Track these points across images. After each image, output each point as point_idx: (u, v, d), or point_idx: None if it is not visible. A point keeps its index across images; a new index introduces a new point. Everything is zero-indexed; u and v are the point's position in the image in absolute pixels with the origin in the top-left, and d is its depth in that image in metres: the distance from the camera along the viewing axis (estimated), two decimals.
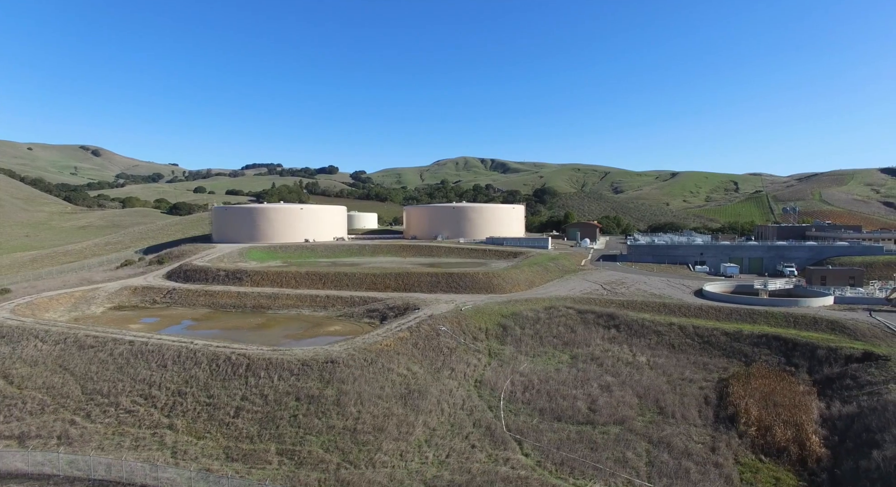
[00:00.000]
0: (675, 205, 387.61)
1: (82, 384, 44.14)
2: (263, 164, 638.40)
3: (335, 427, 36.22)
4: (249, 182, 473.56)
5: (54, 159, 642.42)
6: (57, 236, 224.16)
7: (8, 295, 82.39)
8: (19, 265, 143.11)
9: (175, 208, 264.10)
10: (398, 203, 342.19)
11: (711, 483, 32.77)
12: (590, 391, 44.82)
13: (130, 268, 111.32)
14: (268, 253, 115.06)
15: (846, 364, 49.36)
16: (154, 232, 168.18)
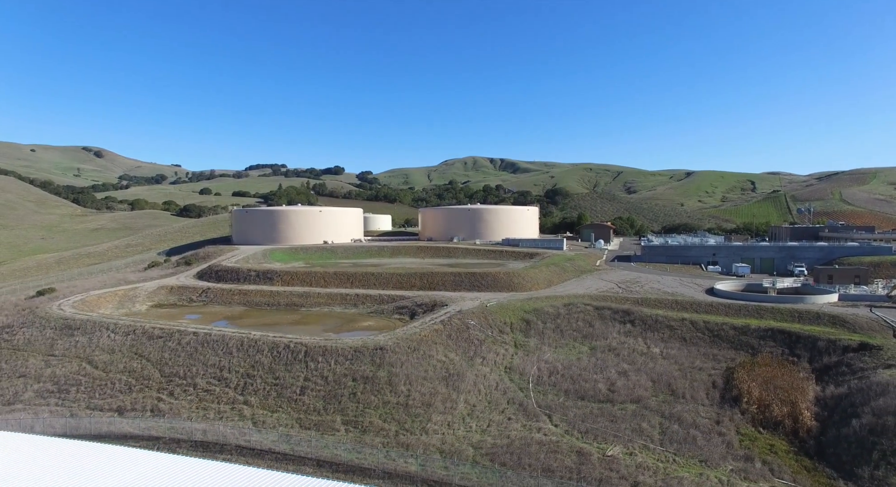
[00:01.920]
0: (689, 205, 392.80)
1: (160, 368, 51.87)
2: (267, 164, 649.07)
3: (389, 402, 43.64)
4: (255, 183, 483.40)
5: (57, 161, 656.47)
6: (71, 239, 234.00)
7: (55, 294, 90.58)
8: (46, 267, 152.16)
9: (185, 211, 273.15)
10: (407, 204, 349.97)
11: (715, 447, 39.81)
12: (608, 375, 51.94)
13: (159, 269, 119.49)
14: (290, 254, 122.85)
15: (843, 354, 56.10)
16: (172, 234, 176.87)
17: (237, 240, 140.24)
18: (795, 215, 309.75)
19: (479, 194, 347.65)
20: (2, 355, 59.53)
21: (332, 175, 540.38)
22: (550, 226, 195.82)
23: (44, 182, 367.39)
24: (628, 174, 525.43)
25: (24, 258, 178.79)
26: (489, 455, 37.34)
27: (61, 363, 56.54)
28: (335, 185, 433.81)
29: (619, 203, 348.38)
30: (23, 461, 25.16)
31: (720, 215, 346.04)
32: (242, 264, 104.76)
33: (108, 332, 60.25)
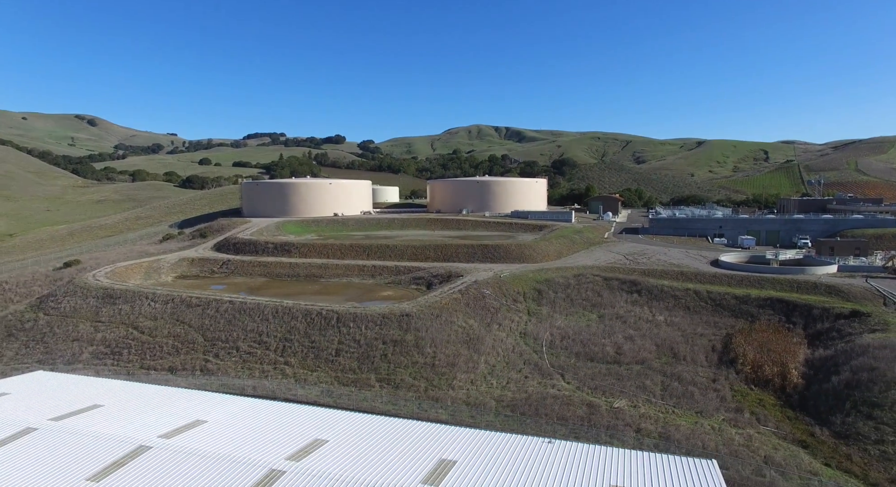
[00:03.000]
0: (700, 176, 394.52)
1: (202, 333, 57.95)
2: (266, 133, 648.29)
3: (418, 362, 49.67)
4: (254, 153, 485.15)
5: (50, 129, 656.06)
6: (76, 211, 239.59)
7: (82, 265, 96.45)
8: (60, 239, 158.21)
9: (188, 182, 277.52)
10: (411, 175, 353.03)
11: (710, 401, 45.86)
12: (616, 340, 57.83)
13: (175, 242, 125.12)
14: (302, 227, 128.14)
15: (835, 321, 61.76)
16: (180, 206, 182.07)
17: (247, 212, 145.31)
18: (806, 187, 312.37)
19: (484, 165, 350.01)
20: (53, 321, 65.76)
21: (332, 144, 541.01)
22: (558, 197, 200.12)
23: (42, 153, 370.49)
24: (637, 144, 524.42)
25: (35, 230, 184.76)
26: (510, 406, 43.44)
27: (109, 328, 62.73)
28: (337, 155, 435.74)
29: (628, 174, 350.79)
30: (134, 396, 31.14)
31: (731, 186, 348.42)
32: (259, 237, 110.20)
33: (149, 301, 66.23)
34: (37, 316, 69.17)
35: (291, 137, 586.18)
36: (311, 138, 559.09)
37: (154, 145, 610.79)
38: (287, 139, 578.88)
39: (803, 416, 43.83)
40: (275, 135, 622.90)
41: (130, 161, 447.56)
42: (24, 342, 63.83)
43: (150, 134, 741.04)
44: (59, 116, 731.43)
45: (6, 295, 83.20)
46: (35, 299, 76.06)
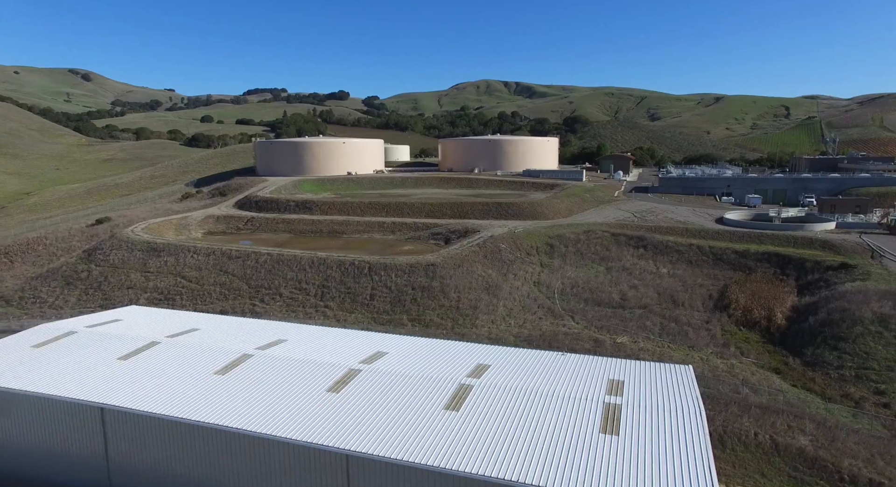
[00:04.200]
0: (716, 133, 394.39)
1: (246, 281, 66.24)
2: (267, 89, 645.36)
3: (444, 305, 57.81)
4: (257, 110, 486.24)
5: (44, 85, 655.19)
6: (85, 170, 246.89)
7: (113, 222, 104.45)
8: (79, 198, 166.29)
9: (194, 140, 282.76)
10: (419, 133, 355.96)
11: (701, 338, 53.95)
12: (621, 288, 65.66)
13: (195, 200, 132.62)
14: (318, 186, 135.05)
15: (825, 272, 69.09)
16: (193, 165, 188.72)
17: (262, 171, 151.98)
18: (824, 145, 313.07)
19: (493, 122, 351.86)
20: (105, 271, 74.26)
21: (336, 101, 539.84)
22: (569, 156, 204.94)
23: (43, 110, 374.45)
24: (652, 100, 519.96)
25: (51, 189, 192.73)
26: (526, 341, 51.63)
27: (158, 277, 71.16)
28: (342, 112, 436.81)
29: (641, 132, 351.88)
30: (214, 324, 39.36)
31: (747, 144, 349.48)
32: (279, 195, 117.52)
33: (191, 253, 74.38)
34: (89, 267, 77.66)
35: (293, 93, 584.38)
36: (313, 94, 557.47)
37: (152, 102, 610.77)
38: (289, 95, 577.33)
39: (781, 350, 51.92)
40: (276, 91, 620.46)
41: (130, 118, 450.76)
42: (84, 290, 72.54)
43: (146, 90, 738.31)
44: (52, 71, 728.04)
45: (49, 250, 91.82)
46: (82, 253, 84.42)
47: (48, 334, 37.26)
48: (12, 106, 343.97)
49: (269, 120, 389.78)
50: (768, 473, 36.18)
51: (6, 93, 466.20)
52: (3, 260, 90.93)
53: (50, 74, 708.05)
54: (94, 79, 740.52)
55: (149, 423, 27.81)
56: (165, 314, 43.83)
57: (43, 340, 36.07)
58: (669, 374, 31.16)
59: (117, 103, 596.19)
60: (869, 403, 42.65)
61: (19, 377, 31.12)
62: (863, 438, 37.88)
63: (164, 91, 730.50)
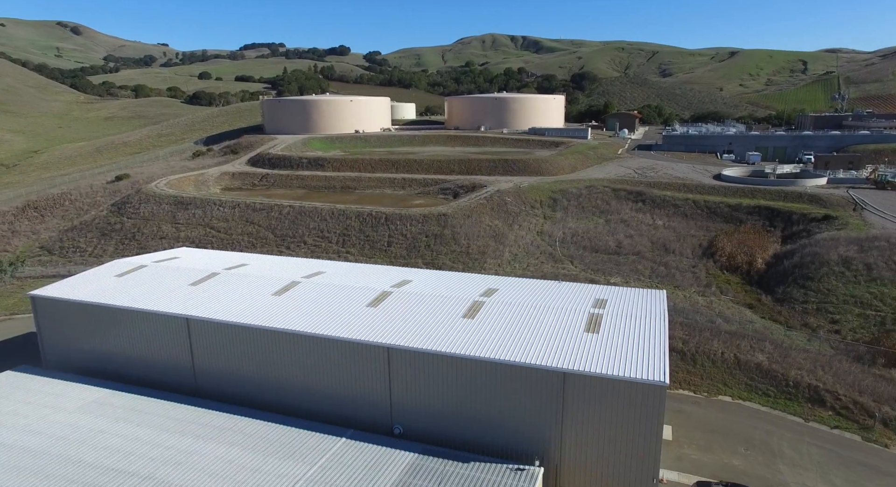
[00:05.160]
0: (729, 90, 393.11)
1: (271, 231, 73.89)
2: (264, 43, 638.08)
3: (455, 250, 65.50)
4: (255, 66, 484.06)
5: (32, 38, 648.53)
6: (88, 128, 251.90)
7: (132, 179, 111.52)
8: (88, 156, 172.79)
9: (195, 98, 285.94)
10: (423, 90, 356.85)
11: (687, 280, 61.68)
12: (618, 237, 73.11)
13: (207, 158, 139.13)
14: (327, 143, 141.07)
15: (809, 223, 76.21)
16: (199, 124, 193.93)
17: (270, 129, 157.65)
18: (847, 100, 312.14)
19: (499, 79, 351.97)
20: (137, 223, 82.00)
21: (337, 56, 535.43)
22: (576, 114, 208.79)
23: (38, 65, 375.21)
24: (665, 54, 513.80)
25: (58, 147, 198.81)
26: None
27: (188, 228, 78.87)
28: (343, 68, 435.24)
29: (651, 89, 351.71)
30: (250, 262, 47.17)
31: (760, 101, 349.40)
32: (291, 152, 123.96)
33: (217, 206, 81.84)
34: (121, 220, 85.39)
35: (292, 48, 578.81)
36: (313, 50, 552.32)
37: (146, 57, 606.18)
38: (287, 51, 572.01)
39: (757, 290, 59.72)
40: (274, 46, 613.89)
41: (126, 75, 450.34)
42: (119, 240, 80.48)
43: (139, 44, 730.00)
44: (40, 23, 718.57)
45: (76, 204, 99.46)
46: (111, 206, 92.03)
47: (124, 267, 45.14)
48: (7, 62, 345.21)
49: (268, 77, 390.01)
50: (730, 382, 44.50)
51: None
52: (34, 215, 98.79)
53: (37, 26, 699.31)
54: (84, 32, 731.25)
55: (225, 330, 35.83)
56: (214, 253, 51.62)
57: (122, 271, 43.97)
58: (645, 296, 38.87)
59: (110, 59, 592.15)
60: (824, 330, 50.65)
61: (117, 297, 39.12)
62: (811, 355, 45.99)
63: (158, 46, 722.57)
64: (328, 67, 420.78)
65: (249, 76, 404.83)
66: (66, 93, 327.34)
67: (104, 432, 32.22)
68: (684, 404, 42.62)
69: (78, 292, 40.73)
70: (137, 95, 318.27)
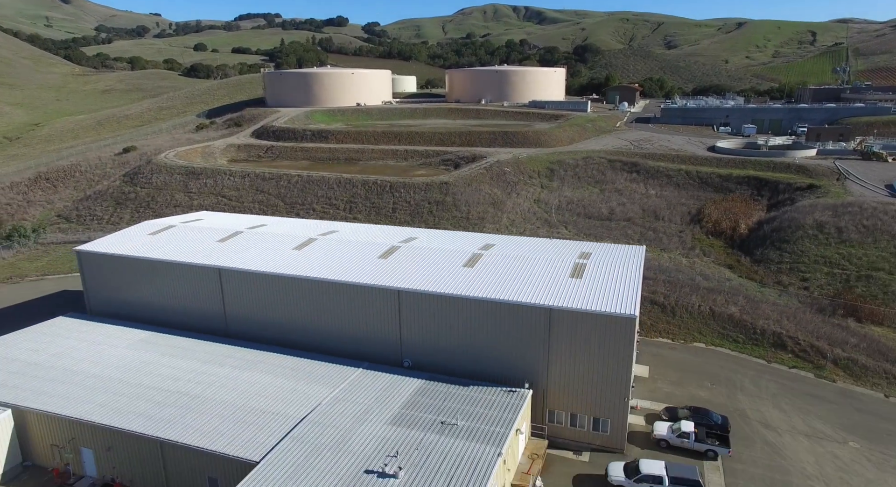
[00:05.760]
0: (735, 62, 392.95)
1: (281, 199, 79.02)
2: (259, 14, 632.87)
3: (456, 216, 70.77)
4: (251, 37, 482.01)
5: (20, 7, 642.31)
6: (86, 101, 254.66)
7: (139, 151, 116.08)
8: (90, 129, 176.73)
9: (193, 71, 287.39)
10: (423, 62, 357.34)
11: (673, 244, 67.08)
12: (610, 205, 78.28)
13: (211, 130, 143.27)
14: (330, 116, 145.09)
15: (794, 192, 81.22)
16: (200, 97, 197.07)
17: (272, 102, 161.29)
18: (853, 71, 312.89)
19: (501, 51, 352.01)
20: (151, 192, 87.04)
21: (334, 27, 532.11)
22: (577, 87, 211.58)
23: (30, 36, 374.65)
24: (670, 26, 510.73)
25: (59, 120, 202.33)
26: None
27: (200, 196, 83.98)
28: (342, 40, 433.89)
29: (654, 61, 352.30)
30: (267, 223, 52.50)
31: (765, 74, 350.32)
32: (295, 125, 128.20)
33: (227, 176, 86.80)
34: (135, 189, 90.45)
35: (288, 19, 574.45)
36: (310, 20, 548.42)
37: (139, 28, 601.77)
38: (284, 21, 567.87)
39: (738, 252, 65.18)
40: (269, 16, 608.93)
41: (119, 46, 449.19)
42: (134, 208, 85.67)
43: (130, 14, 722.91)
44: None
45: (87, 176, 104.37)
46: (122, 177, 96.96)
47: (155, 226, 50.48)
48: (0, 33, 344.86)
49: (266, 48, 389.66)
50: (704, 331, 50.28)
51: None
52: (46, 185, 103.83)
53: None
54: (74, 1, 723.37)
55: (253, 278, 41.32)
56: (234, 216, 56.94)
57: (154, 230, 49.33)
58: (626, 250, 44.29)
59: (101, 29, 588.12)
60: (794, 287, 56.25)
61: (153, 252, 44.56)
62: (779, 308, 51.68)
63: (150, 16, 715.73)
64: (326, 38, 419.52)
65: (246, 48, 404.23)
66: (61, 64, 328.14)
67: (154, 363, 37.99)
68: (662, 349, 48.46)
69: (117, 247, 46.15)
70: (133, 67, 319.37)
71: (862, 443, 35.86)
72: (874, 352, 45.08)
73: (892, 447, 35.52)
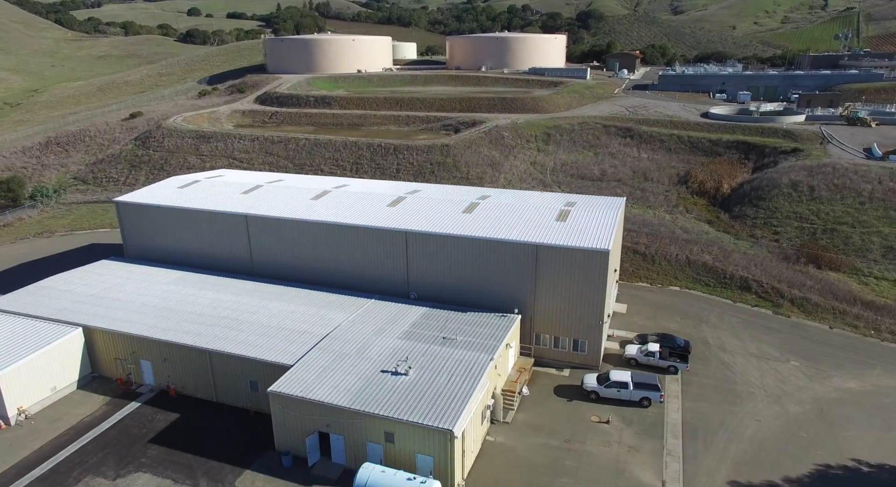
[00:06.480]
0: (742, 28, 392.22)
1: (290, 161, 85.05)
2: None
3: (456, 176, 76.96)
4: (246, 1, 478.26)
5: None
6: (82, 67, 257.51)
7: (144, 116, 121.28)
8: (91, 95, 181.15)
9: (189, 37, 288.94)
10: (423, 28, 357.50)
11: (659, 202, 73.45)
12: (603, 167, 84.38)
13: (214, 97, 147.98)
14: (331, 83, 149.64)
15: (778, 156, 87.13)
16: (199, 63, 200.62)
17: (272, 69, 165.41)
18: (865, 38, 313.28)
19: (502, 17, 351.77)
20: (164, 155, 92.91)
21: None
22: (579, 54, 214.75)
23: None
24: None
25: (58, 86, 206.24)
26: None
27: (212, 159, 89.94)
28: (340, 5, 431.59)
29: (659, 28, 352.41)
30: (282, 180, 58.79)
31: (772, 41, 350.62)
32: (298, 91, 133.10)
33: (237, 139, 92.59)
34: (147, 153, 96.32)
35: None
36: None
37: None
38: None
39: (718, 210, 71.65)
40: None
41: (110, 10, 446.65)
42: (149, 171, 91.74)
43: None
44: None
45: (96, 140, 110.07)
46: (134, 141, 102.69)
47: (182, 181, 56.80)
48: None
49: (261, 13, 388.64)
50: (680, 276, 57.09)
51: None
52: (59, 149, 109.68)
53: None
54: None
55: (276, 224, 47.81)
56: (252, 173, 63.20)
57: (182, 184, 55.67)
58: (607, 200, 50.73)
59: None
60: (766, 239, 62.88)
61: (184, 202, 50.98)
62: (749, 257, 58.40)
63: None
64: (323, 3, 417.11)
65: (242, 13, 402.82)
66: (53, 29, 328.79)
67: (193, 295, 44.83)
68: (640, 291, 55.34)
69: (152, 199, 52.57)
70: (127, 32, 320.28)
71: (801, 362, 42.92)
72: (826, 293, 51.91)
73: (825, 364, 42.57)
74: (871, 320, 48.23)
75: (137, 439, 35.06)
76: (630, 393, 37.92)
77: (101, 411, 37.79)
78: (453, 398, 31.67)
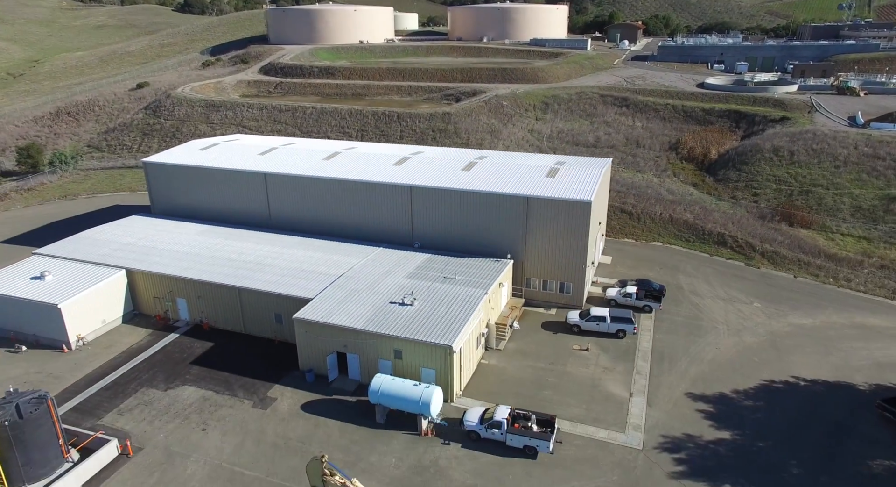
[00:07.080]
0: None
1: (298, 128, 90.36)
2: None
3: (457, 142, 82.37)
4: None
5: None
6: (80, 37, 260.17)
7: (151, 87, 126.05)
8: (93, 66, 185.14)
9: (187, 6, 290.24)
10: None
11: (648, 167, 78.96)
12: (597, 135, 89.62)
13: (218, 67, 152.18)
14: (333, 54, 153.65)
15: (767, 124, 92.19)
16: (200, 34, 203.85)
17: (274, 39, 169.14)
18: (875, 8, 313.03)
19: None
20: (174, 124, 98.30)
21: None
22: (581, 25, 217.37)
23: None
24: None
25: (58, 57, 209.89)
26: None
27: (222, 127, 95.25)
28: None
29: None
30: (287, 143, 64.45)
31: (779, 11, 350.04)
32: (302, 62, 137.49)
33: (245, 108, 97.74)
34: (159, 121, 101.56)
35: None
36: None
37: None
38: None
39: (704, 174, 77.16)
40: None
41: None
42: (161, 138, 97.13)
43: None
44: None
45: (105, 110, 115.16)
46: (144, 110, 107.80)
47: (202, 144, 62.41)
48: None
49: None
50: (663, 233, 62.95)
51: None
52: (69, 119, 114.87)
53: None
54: None
55: (292, 181, 53.57)
56: (266, 137, 68.73)
57: (202, 146, 61.30)
58: (594, 160, 56.36)
59: None
60: (746, 200, 68.56)
61: (207, 162, 56.70)
62: (727, 215, 64.18)
63: None
64: None
65: None
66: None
67: (219, 243, 50.89)
68: (625, 246, 61.29)
69: (176, 159, 58.28)
70: (123, 1, 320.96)
71: (763, 304, 49.07)
72: (795, 247, 57.81)
73: (784, 306, 48.71)
74: (832, 270, 54.21)
75: (180, 361, 41.45)
76: (608, 326, 44.12)
77: (145, 340, 44.17)
78: (452, 321, 37.87)
